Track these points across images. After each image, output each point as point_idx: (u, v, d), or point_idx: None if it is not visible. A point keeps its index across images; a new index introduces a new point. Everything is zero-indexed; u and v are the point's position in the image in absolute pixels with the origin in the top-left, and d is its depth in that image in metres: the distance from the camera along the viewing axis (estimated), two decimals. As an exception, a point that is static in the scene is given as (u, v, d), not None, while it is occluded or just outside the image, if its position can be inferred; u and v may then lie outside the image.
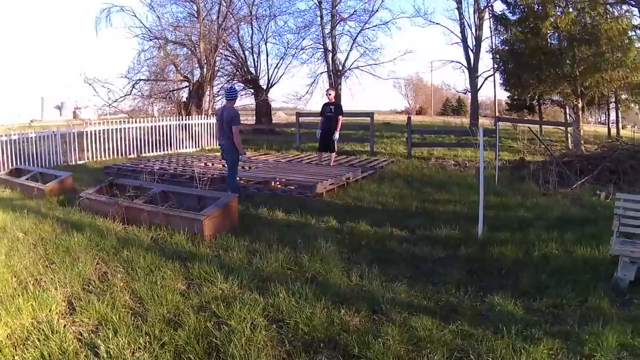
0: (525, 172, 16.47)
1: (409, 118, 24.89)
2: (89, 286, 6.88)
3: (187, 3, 33.55)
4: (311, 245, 8.55)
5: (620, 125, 38.45)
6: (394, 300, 6.52)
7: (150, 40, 32.83)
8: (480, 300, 6.66)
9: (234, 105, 12.73)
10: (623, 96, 34.41)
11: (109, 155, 22.66)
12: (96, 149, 22.29)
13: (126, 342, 5.26)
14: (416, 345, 5.34)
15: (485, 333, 5.59)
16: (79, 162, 21.21)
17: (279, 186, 14.30)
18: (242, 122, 12.49)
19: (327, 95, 18.70)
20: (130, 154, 23.51)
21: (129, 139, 23.75)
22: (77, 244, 8.46)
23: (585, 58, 26.08)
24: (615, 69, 25.22)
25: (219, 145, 13.08)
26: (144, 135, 24.59)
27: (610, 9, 26.47)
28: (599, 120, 65.15)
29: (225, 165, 13.24)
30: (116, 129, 23.21)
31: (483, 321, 5.99)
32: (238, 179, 13.41)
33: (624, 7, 26.10)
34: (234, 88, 14.50)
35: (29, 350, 5.17)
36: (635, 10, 26.15)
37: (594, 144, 25.27)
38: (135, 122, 24.67)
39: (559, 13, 26.92)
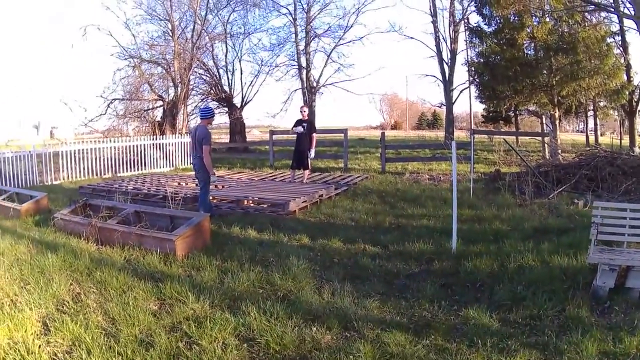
0: (500, 184, 16.46)
1: (382, 133, 24.92)
2: (63, 307, 6.84)
3: (162, 22, 33.54)
4: (283, 263, 8.51)
5: (598, 133, 38.71)
6: (366, 317, 6.48)
7: (126, 59, 32.54)
8: (454, 314, 6.64)
9: (209, 125, 12.74)
10: (601, 103, 34.56)
11: (84, 175, 22.54)
12: (72, 168, 22.15)
13: (99, 362, 5.20)
14: (388, 361, 5.29)
15: (460, 347, 5.59)
16: (54, 182, 21.06)
17: (252, 205, 14.22)
18: (216, 140, 12.43)
19: (301, 112, 18.57)
20: (105, 173, 23.38)
21: (104, 159, 23.59)
22: (52, 265, 8.38)
23: (562, 67, 26.30)
24: (593, 77, 25.44)
25: (192, 164, 13.09)
26: (119, 154, 24.44)
27: (588, 17, 26.73)
28: (577, 128, 65.61)
29: (198, 185, 13.23)
30: (91, 149, 23.08)
31: (458, 335, 5.98)
32: (211, 198, 13.40)
33: (602, 14, 26.38)
34: (209, 107, 14.47)
35: (5, 370, 5.13)
36: (614, 16, 26.45)
37: (571, 152, 25.21)
38: (110, 141, 24.50)
39: (535, 23, 27.15)
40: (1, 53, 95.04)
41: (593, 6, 23.96)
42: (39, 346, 5.67)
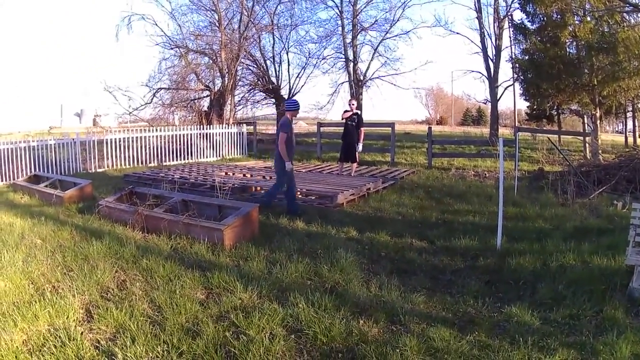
0: (543, 183, 16.53)
1: (429, 128, 24.77)
2: (107, 294, 6.88)
3: (209, 12, 33.55)
4: (331, 255, 8.49)
5: (637, 134, 38.29)
6: (412, 311, 6.53)
7: (172, 49, 32.74)
8: (497, 311, 6.69)
9: (293, 117, 12.93)
10: (640, 105, 34.31)
11: (130, 164, 22.75)
12: (116, 156, 22.38)
13: (144, 350, 5.26)
14: (433, 356, 5.35)
15: (502, 344, 5.62)
16: (98, 170, 21.28)
17: (300, 196, 14.16)
18: (262, 131, 12.34)
19: (349, 105, 18.62)
20: (150, 162, 23.57)
21: (149, 148, 23.82)
22: (96, 252, 8.44)
23: (603, 67, 26.00)
24: (633, 78, 25.10)
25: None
26: (165, 143, 24.66)
27: (627, 17, 26.34)
28: (616, 129, 64.95)
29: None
30: (137, 137, 23.29)
31: (500, 332, 6.03)
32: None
33: (640, 14, 26.01)
34: (294, 100, 14.51)
35: (45, 357, 5.20)
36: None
37: (611, 153, 25.22)
38: (156, 130, 24.75)
39: (577, 22, 26.89)
40: (43, 41, 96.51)
41: (630, 7, 23.59)
42: (81, 333, 5.69)
